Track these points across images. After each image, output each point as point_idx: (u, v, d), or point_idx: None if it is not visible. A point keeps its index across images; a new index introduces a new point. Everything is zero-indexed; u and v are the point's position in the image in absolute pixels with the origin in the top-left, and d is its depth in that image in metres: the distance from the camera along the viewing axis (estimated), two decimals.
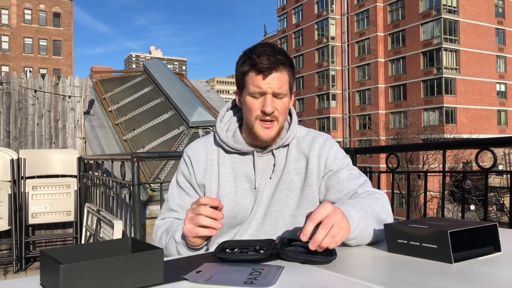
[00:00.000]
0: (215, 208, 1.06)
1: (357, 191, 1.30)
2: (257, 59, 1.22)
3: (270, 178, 1.34)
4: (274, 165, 1.35)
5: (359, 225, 1.07)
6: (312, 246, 0.93)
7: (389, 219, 1.23)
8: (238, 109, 1.41)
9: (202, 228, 1.05)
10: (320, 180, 1.36)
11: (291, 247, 1.00)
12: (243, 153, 1.36)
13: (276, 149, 1.35)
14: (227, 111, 1.43)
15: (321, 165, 1.35)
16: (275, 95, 1.25)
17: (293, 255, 0.94)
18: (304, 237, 0.94)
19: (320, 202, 1.38)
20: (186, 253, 1.16)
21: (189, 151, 1.41)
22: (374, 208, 1.19)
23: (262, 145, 1.33)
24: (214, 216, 1.04)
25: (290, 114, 1.41)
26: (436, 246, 0.91)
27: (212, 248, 1.23)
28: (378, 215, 1.17)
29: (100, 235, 3.53)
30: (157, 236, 1.34)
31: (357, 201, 1.18)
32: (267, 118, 1.26)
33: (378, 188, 3.19)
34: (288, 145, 1.38)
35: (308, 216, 0.99)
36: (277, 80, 1.24)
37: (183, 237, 1.15)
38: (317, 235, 0.93)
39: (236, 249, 1.00)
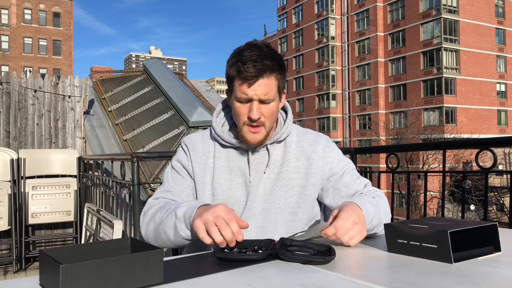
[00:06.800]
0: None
1: (362, 192, 1.37)
2: (242, 66, 1.21)
3: (265, 173, 1.34)
4: (268, 160, 1.35)
5: (373, 221, 1.18)
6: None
7: (390, 214, 1.36)
8: None
9: (218, 234, 1.01)
10: (323, 181, 1.38)
11: (291, 248, 1.00)
12: (237, 148, 1.36)
13: (270, 144, 1.35)
14: (223, 107, 1.44)
15: (325, 167, 1.38)
16: (261, 101, 1.25)
17: (292, 256, 0.94)
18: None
19: (320, 202, 1.43)
20: (183, 230, 1.15)
21: (186, 140, 1.43)
22: (382, 205, 1.30)
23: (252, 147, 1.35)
24: (236, 235, 1.01)
25: (285, 111, 1.43)
26: (436, 246, 0.91)
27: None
28: (386, 212, 1.30)
29: (100, 235, 3.53)
30: (147, 215, 1.31)
31: (372, 200, 1.27)
32: (254, 124, 1.27)
33: (378, 188, 3.19)
34: (282, 141, 1.38)
35: (335, 217, 1.11)
36: (264, 86, 1.23)
37: (186, 215, 1.13)
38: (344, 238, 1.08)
39: (235, 249, 1.00)
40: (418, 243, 0.94)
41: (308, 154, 1.38)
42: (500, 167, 28.60)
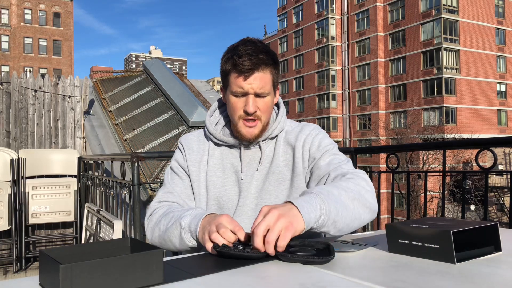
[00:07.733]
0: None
1: (330, 174, 1.26)
2: (238, 60, 1.22)
3: (257, 170, 1.35)
4: (260, 157, 1.37)
5: (322, 210, 1.04)
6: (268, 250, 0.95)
7: (368, 195, 1.18)
8: None
9: (220, 239, 1.03)
10: (305, 169, 1.36)
11: (291, 249, 0.99)
12: (230, 146, 1.38)
13: (263, 141, 1.36)
14: (218, 106, 1.46)
15: (305, 154, 1.36)
16: (257, 95, 1.27)
17: (293, 258, 0.94)
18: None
19: None
20: (189, 240, 1.16)
21: (182, 139, 1.46)
22: (346, 188, 1.14)
23: (247, 142, 1.35)
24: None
25: (278, 107, 1.43)
26: (438, 246, 0.91)
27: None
28: (353, 195, 1.13)
29: (100, 235, 3.53)
30: (152, 221, 1.32)
31: (318, 187, 1.13)
32: (250, 117, 1.28)
33: (378, 188, 3.19)
34: (275, 137, 1.39)
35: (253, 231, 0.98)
36: (259, 80, 1.25)
37: (191, 225, 1.15)
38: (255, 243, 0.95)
39: (234, 245, 1.01)
40: (420, 243, 0.94)
41: (293, 145, 1.37)
42: (500, 167, 28.60)
